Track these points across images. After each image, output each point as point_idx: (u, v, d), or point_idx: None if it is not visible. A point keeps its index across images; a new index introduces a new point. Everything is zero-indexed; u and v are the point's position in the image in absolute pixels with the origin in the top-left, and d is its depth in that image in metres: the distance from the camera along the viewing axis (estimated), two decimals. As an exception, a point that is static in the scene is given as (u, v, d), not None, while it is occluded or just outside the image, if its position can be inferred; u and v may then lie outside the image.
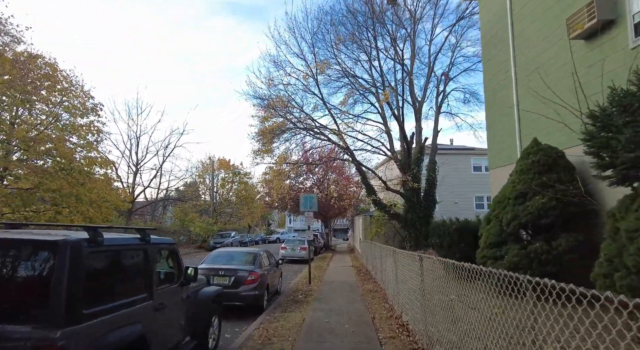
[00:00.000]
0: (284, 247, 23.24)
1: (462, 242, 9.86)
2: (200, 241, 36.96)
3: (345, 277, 14.82)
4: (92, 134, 20.70)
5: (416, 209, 17.56)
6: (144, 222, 33.36)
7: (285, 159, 17.21)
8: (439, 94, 19.54)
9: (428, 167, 18.46)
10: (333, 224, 47.41)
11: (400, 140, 18.62)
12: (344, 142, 16.60)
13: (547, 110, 7.40)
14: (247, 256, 9.84)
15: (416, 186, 17.13)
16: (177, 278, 5.04)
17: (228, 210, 46.24)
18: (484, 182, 29.12)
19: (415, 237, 17.45)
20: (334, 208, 30.88)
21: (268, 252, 11.43)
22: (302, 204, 13.67)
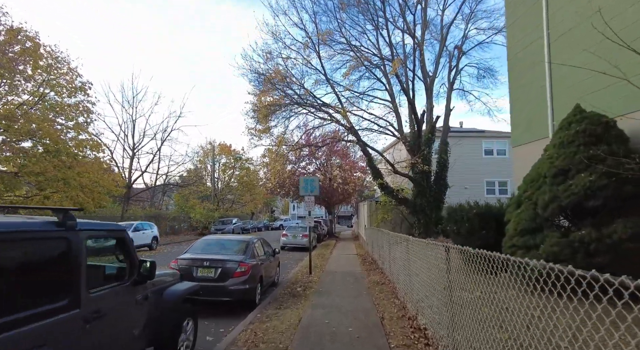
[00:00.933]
0: (285, 234, 22.19)
1: (483, 229, 8.63)
2: (200, 228, 36.06)
3: (349, 266, 13.69)
4: (81, 115, 19.50)
5: (426, 193, 16.29)
6: (143, 208, 32.44)
7: (285, 141, 15.95)
8: (451, 69, 18.06)
9: (439, 149, 17.11)
10: (337, 210, 46.35)
11: (409, 119, 17.23)
12: (348, 121, 15.26)
13: (596, 67, 6.02)
14: (238, 245, 8.68)
15: (426, 169, 15.82)
16: (129, 275, 3.86)
17: (230, 196, 45.30)
18: (495, 167, 27.78)
19: (425, 223, 16.23)
20: (338, 193, 29.67)
21: (263, 240, 10.29)
22: (302, 187, 12.46)
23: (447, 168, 16.98)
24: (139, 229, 21.20)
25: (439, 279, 4.95)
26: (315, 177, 14.48)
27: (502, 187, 27.98)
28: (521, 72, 9.76)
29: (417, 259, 6.13)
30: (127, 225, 21.01)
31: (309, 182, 12.44)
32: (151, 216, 31.23)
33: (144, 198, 35.68)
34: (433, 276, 5.22)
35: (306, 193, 12.42)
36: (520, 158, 9.70)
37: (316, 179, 12.61)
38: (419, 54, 15.98)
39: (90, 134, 20.97)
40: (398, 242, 8.51)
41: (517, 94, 10.00)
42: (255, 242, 9.20)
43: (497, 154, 28.26)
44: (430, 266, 5.41)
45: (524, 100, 9.67)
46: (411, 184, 18.08)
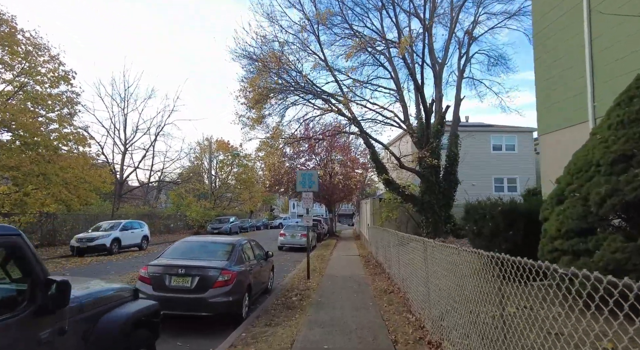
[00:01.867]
0: (283, 233, 20.92)
1: (509, 229, 7.34)
2: (196, 227, 34.83)
3: (352, 270, 12.42)
4: (64, 106, 18.22)
5: (434, 189, 15.00)
6: (135, 207, 31.17)
7: (281, 133, 14.66)
8: (461, 56, 16.73)
9: (449, 141, 15.81)
10: (338, 209, 45.12)
11: (416, 109, 15.93)
12: (350, 111, 13.96)
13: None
14: (222, 248, 7.41)
15: (435, 163, 14.53)
16: (27, 302, 2.58)
17: (228, 194, 44.05)
18: (504, 163, 26.48)
19: (434, 222, 14.96)
20: (339, 188, 28.35)
21: (253, 242, 9.02)
22: (300, 182, 11.18)
23: (457, 162, 15.70)
24: (128, 228, 19.94)
25: (477, 297, 3.70)
26: (314, 170, 13.20)
27: (511, 184, 26.70)
28: (551, 49, 8.44)
29: (441, 269, 4.85)
30: (115, 223, 19.77)
31: (307, 176, 11.16)
32: (144, 214, 29.98)
33: (138, 196, 34.43)
34: (467, 293, 3.96)
35: (304, 189, 11.15)
36: (550, 147, 8.40)
37: (315, 172, 11.33)
38: (427, 37, 14.65)
39: (77, 127, 19.72)
40: (410, 244, 7.23)
41: (545, 75, 8.69)
42: (243, 244, 7.93)
43: (506, 149, 26.96)
44: (462, 279, 4.15)
45: (554, 81, 8.35)
46: (418, 180, 16.80)
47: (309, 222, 11.35)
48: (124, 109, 27.50)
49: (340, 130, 15.80)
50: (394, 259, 9.57)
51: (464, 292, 4.17)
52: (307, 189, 11.12)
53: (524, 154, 26.70)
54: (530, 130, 27.17)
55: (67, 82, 17.83)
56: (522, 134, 26.94)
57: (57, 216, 20.24)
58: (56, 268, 13.33)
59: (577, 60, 7.52)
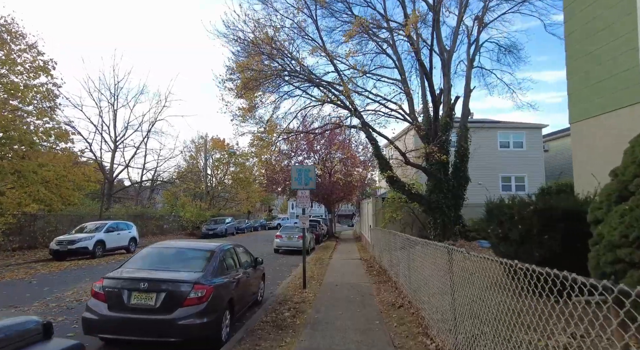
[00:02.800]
0: (279, 235, 19.66)
1: (544, 233, 6.10)
2: (191, 228, 33.55)
3: (353, 276, 11.18)
4: (44, 99, 16.96)
5: (443, 188, 13.77)
6: (126, 207, 29.90)
7: (276, 126, 13.39)
8: (470, 44, 15.50)
9: (459, 135, 14.59)
10: (337, 209, 43.90)
11: (422, 101, 14.69)
12: (351, 102, 12.70)
13: None
14: (198, 256, 6.16)
15: (444, 159, 13.32)
16: None
17: (224, 194, 42.80)
18: (512, 160, 25.22)
19: (442, 223, 13.73)
20: (339, 186, 27.06)
21: (240, 247, 7.79)
22: (295, 179, 9.93)
23: (467, 158, 14.47)
24: (114, 230, 18.67)
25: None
26: (311, 166, 11.92)
27: (519, 182, 25.46)
28: (591, 19, 7.20)
29: (470, 286, 3.61)
30: (100, 225, 18.51)
31: (303, 172, 9.91)
32: (136, 215, 28.71)
33: (130, 195, 33.16)
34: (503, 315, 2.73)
35: (299, 186, 9.90)
36: (588, 135, 7.19)
37: (312, 168, 10.08)
38: (435, 21, 13.40)
39: (59, 122, 18.44)
40: (425, 250, 6.00)
41: (581, 51, 7.44)
42: (226, 250, 6.69)
43: (514, 146, 25.72)
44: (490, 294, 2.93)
45: (594, 61, 7.10)
46: (424, 178, 15.58)
47: (306, 223, 10.10)
48: (113, 105, 26.24)
49: (340, 125, 14.54)
50: (402, 265, 8.34)
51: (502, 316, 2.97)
52: (303, 186, 9.87)
53: (533, 151, 25.47)
54: (539, 126, 25.97)
55: (47, 72, 16.57)
56: (531, 131, 25.72)
57: (39, 217, 18.97)
58: (26, 274, 12.07)
59: (624, 36, 6.27)
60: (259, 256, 8.59)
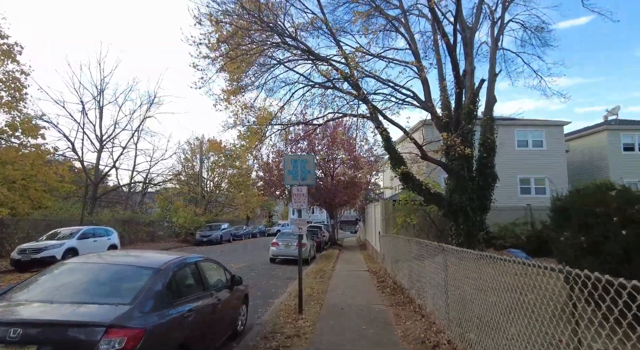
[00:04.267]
0: (276, 242, 17.49)
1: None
2: (184, 234, 31.43)
3: (362, 295, 9.01)
4: (9, 88, 14.98)
5: (467, 187, 11.64)
6: (113, 211, 27.82)
7: (269, 115, 11.29)
8: (494, 22, 13.48)
9: (483, 126, 12.49)
10: (340, 214, 41.71)
11: (439, 87, 12.62)
12: (355, 81, 10.57)
13: None
14: (133, 277, 4.00)
15: (468, 152, 11.19)
16: None
17: (221, 199, 40.69)
18: (531, 160, 22.94)
19: (466, 229, 11.57)
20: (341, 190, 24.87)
21: (212, 262, 5.69)
22: (289, 172, 7.83)
23: (494, 152, 12.35)
24: (89, 236, 16.55)
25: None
26: (309, 155, 9.77)
27: (538, 185, 23.25)
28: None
29: None
30: (75, 230, 16.41)
31: (299, 163, 7.81)
32: (124, 220, 26.65)
33: (120, 200, 31.08)
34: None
35: (294, 182, 7.79)
36: None
37: (311, 158, 7.97)
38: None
39: (29, 116, 16.45)
40: (490, 266, 3.87)
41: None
42: (182, 267, 4.57)
43: (533, 145, 23.56)
44: None
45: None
46: (438, 176, 13.44)
47: (303, 228, 7.96)
48: (99, 101, 24.29)
49: (345, 114, 12.41)
50: (431, 284, 6.19)
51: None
52: (299, 182, 7.76)
53: (553, 150, 23.31)
54: (560, 123, 23.84)
55: (11, 58, 14.61)
56: (551, 128, 23.59)
57: (4, 223, 16.88)
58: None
59: None
60: (250, 270, 6.48)
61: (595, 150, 24.27)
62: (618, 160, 23.04)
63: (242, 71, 9.32)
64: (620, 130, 23.38)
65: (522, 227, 13.96)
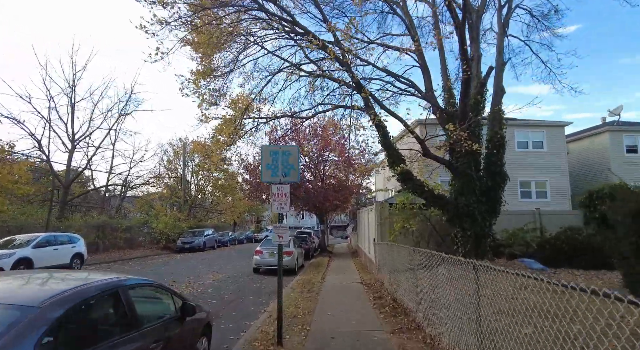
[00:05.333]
0: (260, 250, 15.90)
1: None
2: (164, 241, 29.50)
3: (357, 317, 7.47)
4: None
5: (474, 188, 10.25)
6: (86, 216, 25.84)
7: (250, 104, 9.74)
8: (502, 5, 12.22)
9: (491, 120, 11.16)
10: (331, 219, 40.19)
11: (442, 76, 11.27)
12: (348, 68, 9.14)
13: None
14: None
15: (477, 148, 9.80)
16: None
17: (206, 203, 38.82)
18: (531, 163, 21.64)
19: (474, 236, 10.16)
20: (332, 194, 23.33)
21: (147, 288, 4.11)
22: (267, 166, 6.30)
23: (504, 149, 11.02)
24: (48, 244, 14.73)
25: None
26: (292, 146, 8.19)
27: (539, 188, 22.10)
28: None
29: None
30: (32, 238, 14.55)
31: (280, 156, 6.29)
32: (98, 226, 24.71)
33: (95, 203, 29.04)
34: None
35: (274, 178, 6.27)
36: None
37: (294, 150, 6.46)
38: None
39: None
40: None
41: None
42: (87, 300, 2.97)
43: (533, 147, 22.44)
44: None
45: None
46: (439, 180, 12.03)
47: (283, 237, 6.41)
48: (71, 98, 22.42)
49: (337, 105, 10.94)
50: (450, 310, 4.70)
51: None
52: (280, 178, 6.25)
53: (554, 152, 22.21)
54: (562, 124, 22.79)
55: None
56: (552, 129, 22.51)
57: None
58: None
59: None
60: (230, 282, 4.92)
61: (597, 152, 23.26)
62: (620, 162, 22.02)
63: (213, 47, 7.79)
64: (622, 132, 22.42)
65: (531, 234, 12.61)
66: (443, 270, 4.97)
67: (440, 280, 5.21)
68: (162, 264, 20.35)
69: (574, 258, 10.86)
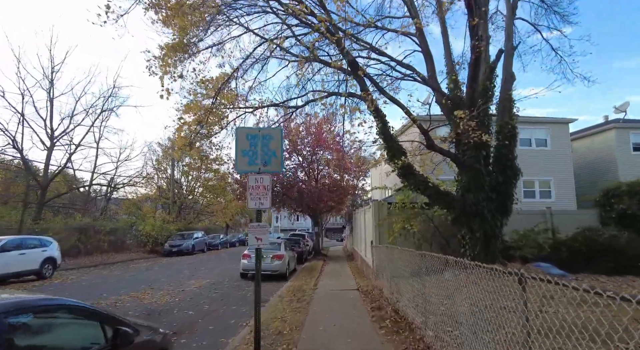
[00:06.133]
0: (248, 254, 14.68)
1: None
2: (151, 244, 28.19)
3: (353, 333, 6.32)
4: None
5: (483, 184, 9.17)
6: (67, 218, 24.48)
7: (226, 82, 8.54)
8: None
9: (500, 109, 10.11)
10: (326, 221, 38.98)
11: (446, 61, 10.21)
12: (340, 40, 8.02)
13: None
14: None
15: (487, 139, 8.73)
16: None
17: (196, 205, 37.52)
18: (535, 162, 20.57)
19: (484, 238, 9.06)
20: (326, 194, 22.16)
21: (60, 313, 2.90)
22: (242, 153, 5.16)
23: (515, 141, 10.00)
24: (14, 248, 13.44)
25: None
26: (274, 129, 6.90)
27: (543, 188, 21.13)
28: None
29: None
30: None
31: (260, 140, 5.15)
32: (80, 228, 23.33)
33: (78, 205, 27.65)
34: None
35: (252, 167, 5.13)
36: None
37: (277, 133, 5.32)
38: None
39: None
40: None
41: None
42: None
43: (536, 145, 21.47)
44: None
45: None
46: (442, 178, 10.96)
47: (262, 239, 5.25)
48: (49, 92, 21.13)
49: (331, 93, 9.80)
50: (476, 329, 3.58)
51: None
52: (260, 166, 5.11)
53: (558, 150, 21.25)
54: (566, 121, 21.84)
55: None
56: (556, 126, 21.57)
57: None
58: None
59: None
60: (214, 289, 3.87)
61: (603, 151, 22.32)
62: (627, 160, 21.11)
63: (183, 16, 6.63)
64: (629, 129, 21.51)
65: (542, 235, 11.54)
66: (463, 278, 3.84)
67: (461, 291, 4.09)
68: (145, 268, 19.09)
69: (592, 261, 9.81)
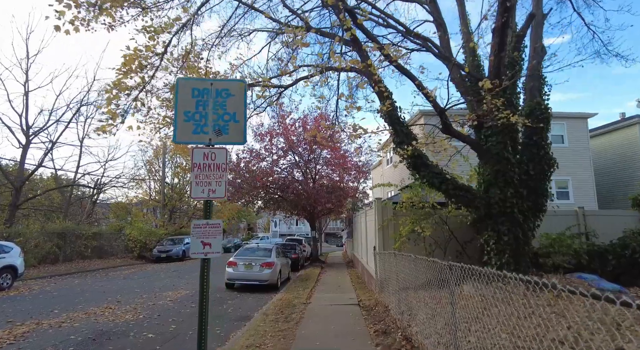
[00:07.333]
0: (234, 262, 12.94)
1: None
2: (139, 249, 26.46)
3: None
4: None
5: (511, 176, 7.46)
6: (46, 221, 22.77)
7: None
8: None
9: (530, 89, 8.41)
10: (325, 225, 37.22)
11: (462, 29, 8.54)
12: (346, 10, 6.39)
13: None
14: None
15: (517, 120, 7.01)
16: None
17: (189, 208, 35.81)
18: (562, 159, 18.91)
19: (512, 243, 7.33)
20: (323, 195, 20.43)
21: None
22: (184, 115, 3.46)
23: (549, 124, 8.32)
24: (-34, 254, 11.76)
25: None
26: (234, 80, 5.16)
27: (561, 188, 19.41)
28: None
29: None
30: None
31: (210, 97, 3.47)
32: (59, 232, 21.61)
33: (58, 207, 25.95)
34: None
35: (198, 136, 3.44)
36: None
37: (238, 87, 3.67)
38: None
39: None
40: None
41: None
42: None
43: (553, 141, 19.69)
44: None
45: None
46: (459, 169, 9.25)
47: (210, 245, 3.51)
48: (24, 85, 19.55)
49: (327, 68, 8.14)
50: None
51: None
52: (210, 135, 3.42)
53: (577, 147, 19.56)
54: (585, 116, 20.16)
55: None
56: (573, 121, 19.89)
57: None
58: None
59: None
60: (191, 301, 1.97)
61: (625, 148, 20.58)
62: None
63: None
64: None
65: (575, 239, 9.81)
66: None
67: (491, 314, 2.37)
68: (125, 276, 17.34)
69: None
